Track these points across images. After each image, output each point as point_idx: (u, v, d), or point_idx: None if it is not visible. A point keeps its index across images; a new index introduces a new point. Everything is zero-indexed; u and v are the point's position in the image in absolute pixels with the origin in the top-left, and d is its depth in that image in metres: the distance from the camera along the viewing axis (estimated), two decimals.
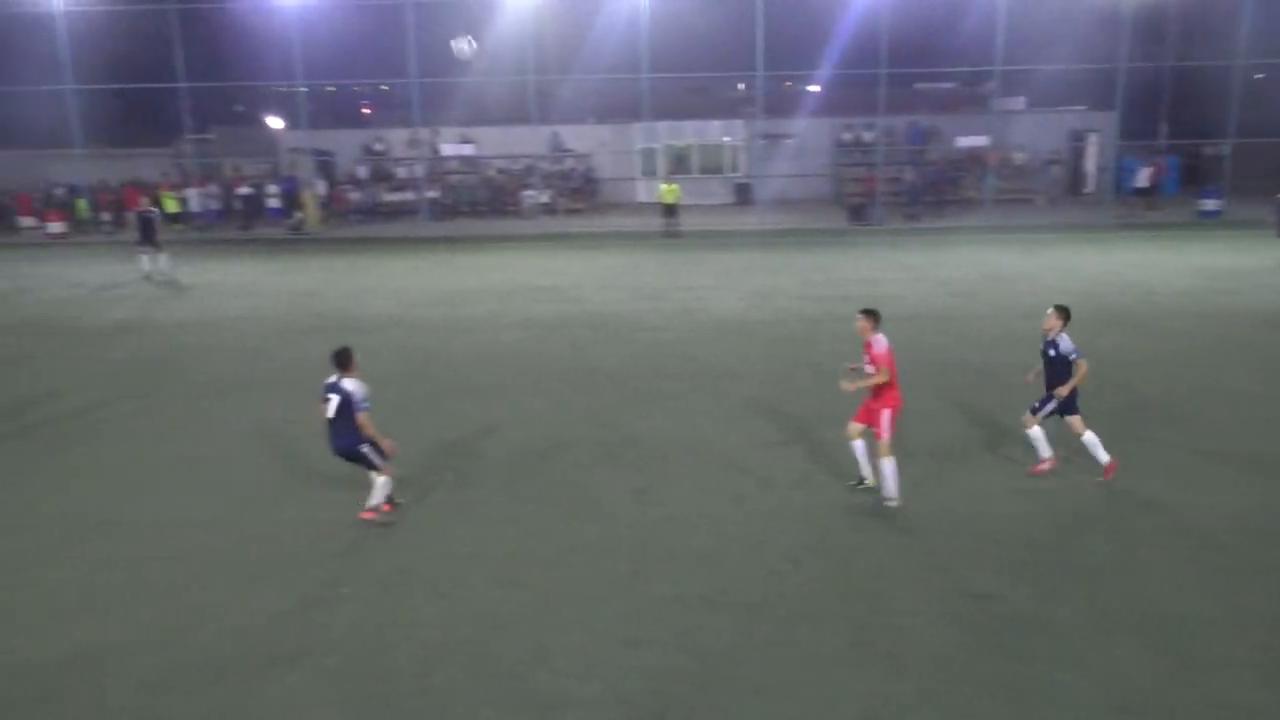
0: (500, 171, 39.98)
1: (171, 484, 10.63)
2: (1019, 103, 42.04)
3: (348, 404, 9.02)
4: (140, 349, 17.16)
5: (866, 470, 9.76)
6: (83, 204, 36.08)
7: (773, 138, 38.68)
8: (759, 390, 13.70)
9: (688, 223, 31.93)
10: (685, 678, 6.80)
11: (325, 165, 39.34)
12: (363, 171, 40.08)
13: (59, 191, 37.28)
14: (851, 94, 40.50)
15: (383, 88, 50.28)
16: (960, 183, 36.46)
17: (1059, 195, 37.89)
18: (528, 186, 37.43)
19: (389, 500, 9.60)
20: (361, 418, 9.06)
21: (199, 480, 10.73)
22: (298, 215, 33.94)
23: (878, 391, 9.24)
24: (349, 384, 9.07)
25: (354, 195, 37.71)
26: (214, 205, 35.92)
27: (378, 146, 41.41)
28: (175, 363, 16.11)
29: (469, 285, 22.79)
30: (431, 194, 36.40)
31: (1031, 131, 39.29)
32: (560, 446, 11.51)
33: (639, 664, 6.97)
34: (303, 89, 34.40)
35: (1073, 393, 9.81)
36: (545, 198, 36.77)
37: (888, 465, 9.30)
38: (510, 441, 11.72)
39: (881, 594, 7.86)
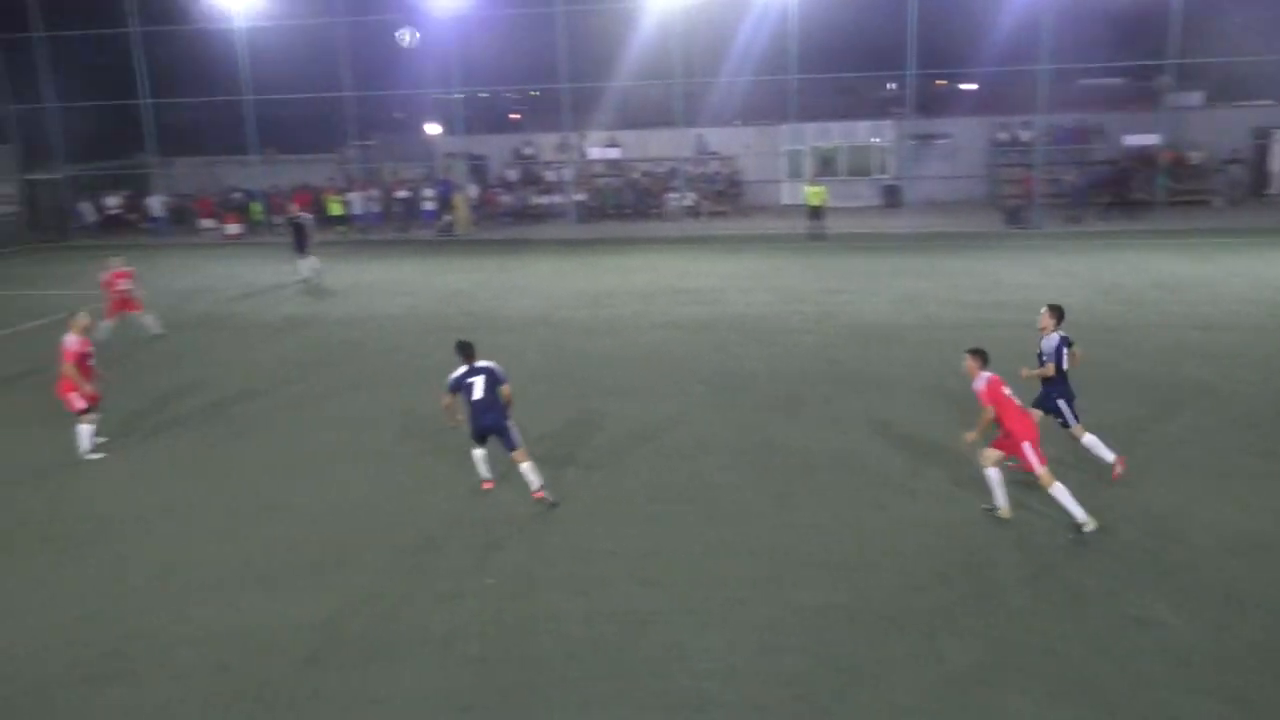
0: (645, 174, 40.35)
1: (329, 471, 11.25)
2: (1195, 98, 39.33)
3: (494, 379, 9.80)
4: (306, 344, 18.19)
5: (1001, 500, 9.21)
6: (257, 207, 38.54)
7: (924, 138, 37.53)
8: (904, 397, 13.35)
9: (834, 225, 31.38)
10: (825, 687, 6.70)
11: (478, 169, 40.61)
12: (513, 175, 41.21)
13: (236, 195, 39.97)
14: (1008, 91, 38.82)
15: (533, 93, 51.50)
16: (1128, 184, 34.39)
17: (1241, 197, 35.21)
18: (672, 189, 37.62)
19: (487, 478, 10.30)
20: (506, 389, 9.92)
21: (355, 468, 11.31)
22: (447, 218, 35.23)
23: (1004, 427, 8.96)
24: (488, 363, 9.89)
25: (504, 198, 38.80)
26: (375, 208, 37.55)
27: (527, 150, 42.49)
28: (336, 357, 17.00)
29: (613, 286, 23.09)
30: (578, 196, 37.03)
31: (1209, 128, 36.64)
32: (702, 448, 11.53)
33: (778, 670, 6.91)
34: (458, 95, 35.61)
35: (1047, 388, 10.15)
36: (689, 200, 36.88)
37: (1058, 493, 8.79)
38: (652, 441, 11.82)
39: (1030, 613, 7.53)
